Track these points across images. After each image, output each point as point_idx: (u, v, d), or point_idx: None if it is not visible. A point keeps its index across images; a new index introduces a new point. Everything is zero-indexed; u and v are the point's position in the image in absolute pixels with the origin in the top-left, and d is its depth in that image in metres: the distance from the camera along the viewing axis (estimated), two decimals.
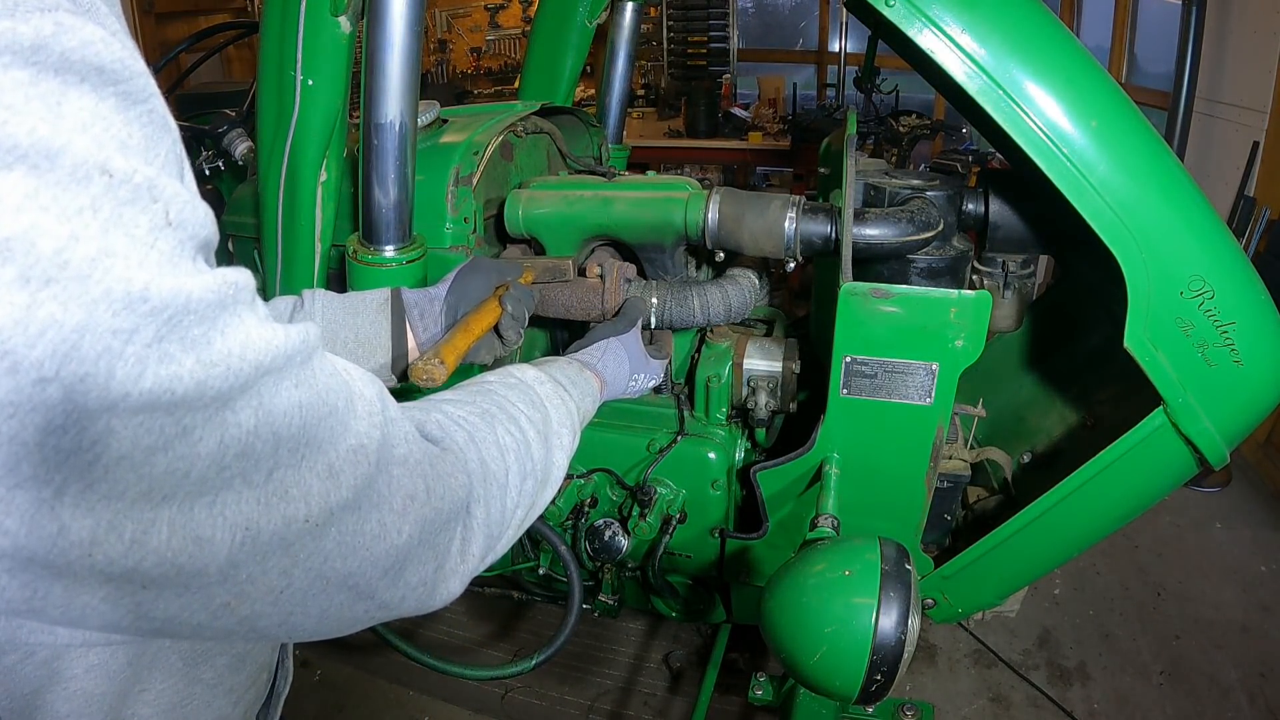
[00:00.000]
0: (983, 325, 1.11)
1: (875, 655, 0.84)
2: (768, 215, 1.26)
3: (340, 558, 0.49)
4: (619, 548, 1.42)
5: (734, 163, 4.90)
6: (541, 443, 0.75)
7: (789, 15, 6.31)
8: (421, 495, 0.55)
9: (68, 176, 0.34)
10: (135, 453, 0.38)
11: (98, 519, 0.38)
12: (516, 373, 0.84)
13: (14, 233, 0.32)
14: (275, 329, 0.44)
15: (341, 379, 0.51)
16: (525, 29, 5.57)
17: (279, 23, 1.21)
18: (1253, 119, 2.98)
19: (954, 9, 1.07)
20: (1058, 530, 1.31)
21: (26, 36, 0.34)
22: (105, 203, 0.35)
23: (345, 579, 0.50)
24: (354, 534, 0.49)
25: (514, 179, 1.52)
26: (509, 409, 0.74)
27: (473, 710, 2.10)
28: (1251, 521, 2.70)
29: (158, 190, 0.38)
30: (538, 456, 0.74)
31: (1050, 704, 2.05)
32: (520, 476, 0.69)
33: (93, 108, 0.36)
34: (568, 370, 0.93)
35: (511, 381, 0.81)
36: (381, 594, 0.53)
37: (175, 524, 0.40)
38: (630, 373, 1.09)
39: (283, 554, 0.46)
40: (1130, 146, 1.09)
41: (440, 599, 0.59)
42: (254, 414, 0.42)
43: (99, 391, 0.35)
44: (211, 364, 0.39)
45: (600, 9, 1.85)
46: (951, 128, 3.90)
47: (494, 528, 0.65)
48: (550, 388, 0.84)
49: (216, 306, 0.40)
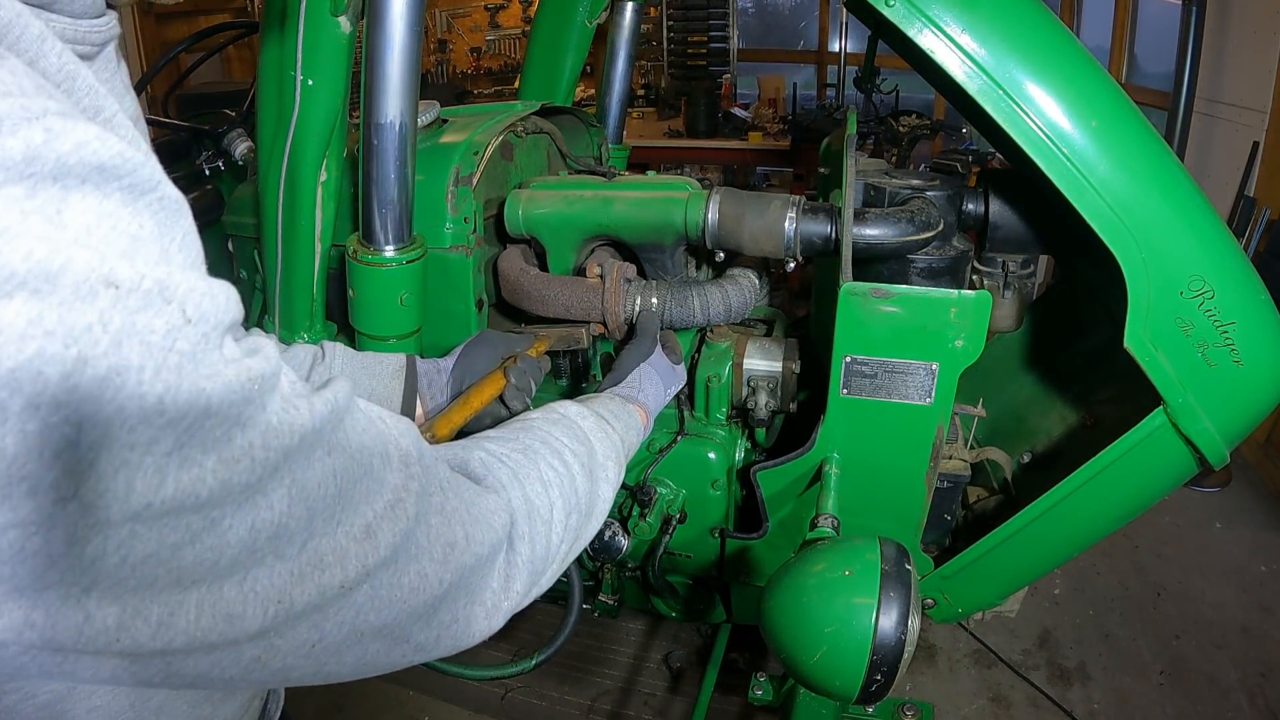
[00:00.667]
0: (983, 325, 1.11)
1: (875, 655, 0.84)
2: (768, 215, 1.26)
3: (374, 611, 0.48)
4: (619, 548, 1.42)
5: (734, 163, 4.90)
6: (586, 476, 0.75)
7: (789, 15, 6.31)
8: (461, 542, 0.54)
9: (71, 296, 0.33)
10: (161, 550, 0.37)
11: (124, 607, 0.38)
12: (559, 409, 0.84)
13: (19, 363, 0.32)
14: (300, 408, 0.43)
15: (377, 430, 0.50)
16: (525, 29, 5.57)
17: (279, 23, 1.21)
18: (1253, 119, 2.98)
19: (954, 9, 1.07)
20: (1058, 530, 1.31)
21: (17, 150, 0.33)
22: (114, 315, 0.34)
23: (380, 630, 0.49)
24: (390, 588, 0.49)
25: (514, 179, 1.52)
26: (552, 443, 0.74)
27: (473, 710, 2.10)
28: (1251, 521, 2.70)
29: (170, 290, 0.37)
30: (582, 490, 0.74)
31: (1050, 704, 2.05)
32: (565, 511, 0.69)
33: (97, 208, 0.35)
34: (610, 405, 0.94)
35: (555, 417, 0.81)
36: (416, 637, 0.53)
37: (204, 604, 0.40)
38: (664, 389, 1.12)
39: (316, 614, 0.45)
40: (1130, 146, 1.09)
41: (478, 635, 0.59)
42: (286, 493, 0.42)
43: (119, 505, 0.35)
44: (235, 460, 0.39)
45: (600, 9, 1.85)
46: (951, 128, 3.90)
47: (538, 563, 0.65)
48: (594, 422, 0.84)
49: (240, 404, 0.39)
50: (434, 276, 1.32)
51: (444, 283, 1.34)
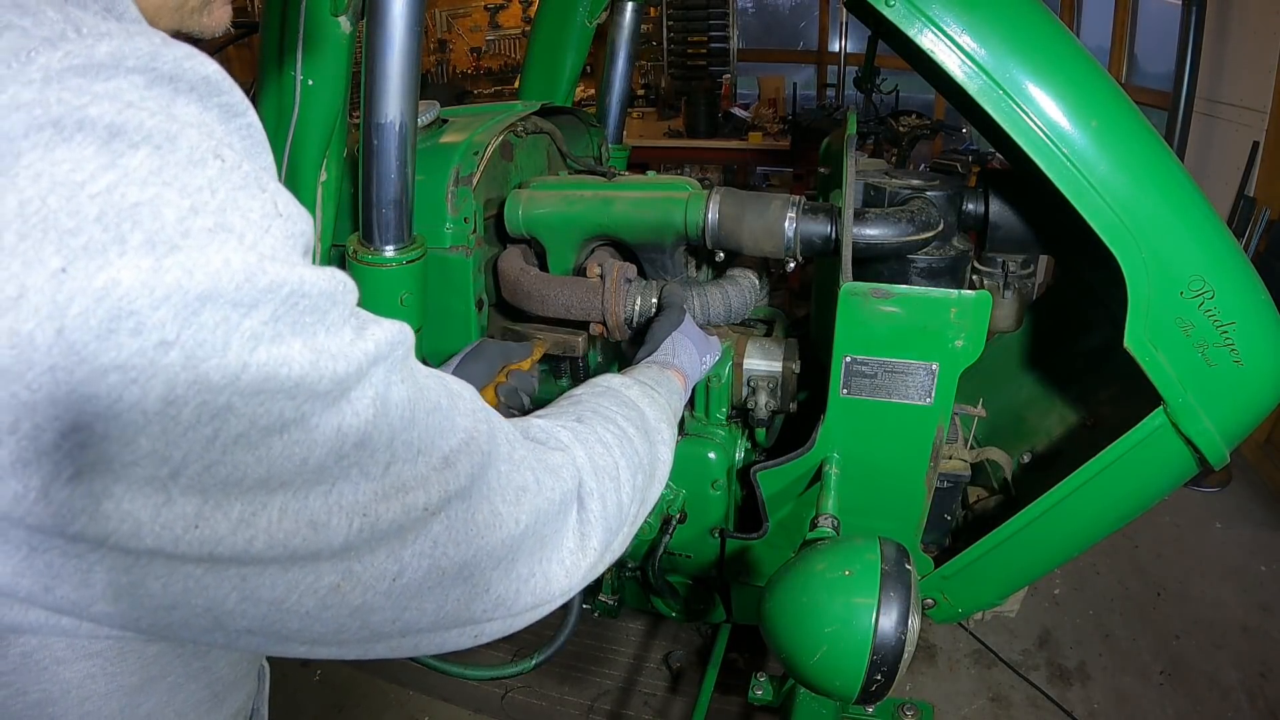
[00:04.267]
0: (983, 325, 1.11)
1: (875, 655, 0.84)
2: (768, 215, 1.26)
3: (453, 544, 0.48)
4: None
5: (734, 163, 4.90)
6: (643, 438, 0.76)
7: (789, 15, 6.32)
8: (533, 487, 0.55)
9: (186, 158, 0.36)
10: (252, 432, 0.37)
11: (206, 497, 0.37)
12: (603, 381, 0.86)
13: (142, 199, 0.34)
14: (383, 324, 0.45)
15: (438, 378, 0.51)
16: (525, 29, 5.57)
17: (279, 23, 1.21)
18: (1253, 119, 2.98)
19: (954, 9, 1.07)
20: (1058, 530, 1.31)
21: (142, 48, 0.36)
22: (221, 185, 0.37)
23: (460, 569, 0.49)
24: (466, 522, 0.49)
25: (514, 179, 1.52)
26: (603, 411, 0.75)
27: (473, 710, 2.10)
28: (1251, 521, 2.70)
29: (265, 181, 0.39)
30: (642, 451, 0.75)
31: (1050, 704, 2.05)
32: (630, 470, 0.70)
33: (198, 114, 0.38)
34: (649, 372, 0.96)
35: (599, 390, 0.83)
36: (497, 587, 0.52)
37: (288, 509, 0.40)
38: (700, 356, 1.13)
39: (397, 539, 0.45)
40: (1130, 146, 1.09)
41: (558, 591, 0.59)
42: (371, 404, 0.42)
43: (217, 360, 0.36)
44: (322, 350, 0.39)
45: (600, 9, 1.85)
46: (951, 128, 3.90)
47: (611, 520, 0.65)
48: (638, 390, 0.86)
49: (328, 298, 0.40)
50: (434, 276, 1.32)
51: (444, 283, 1.34)
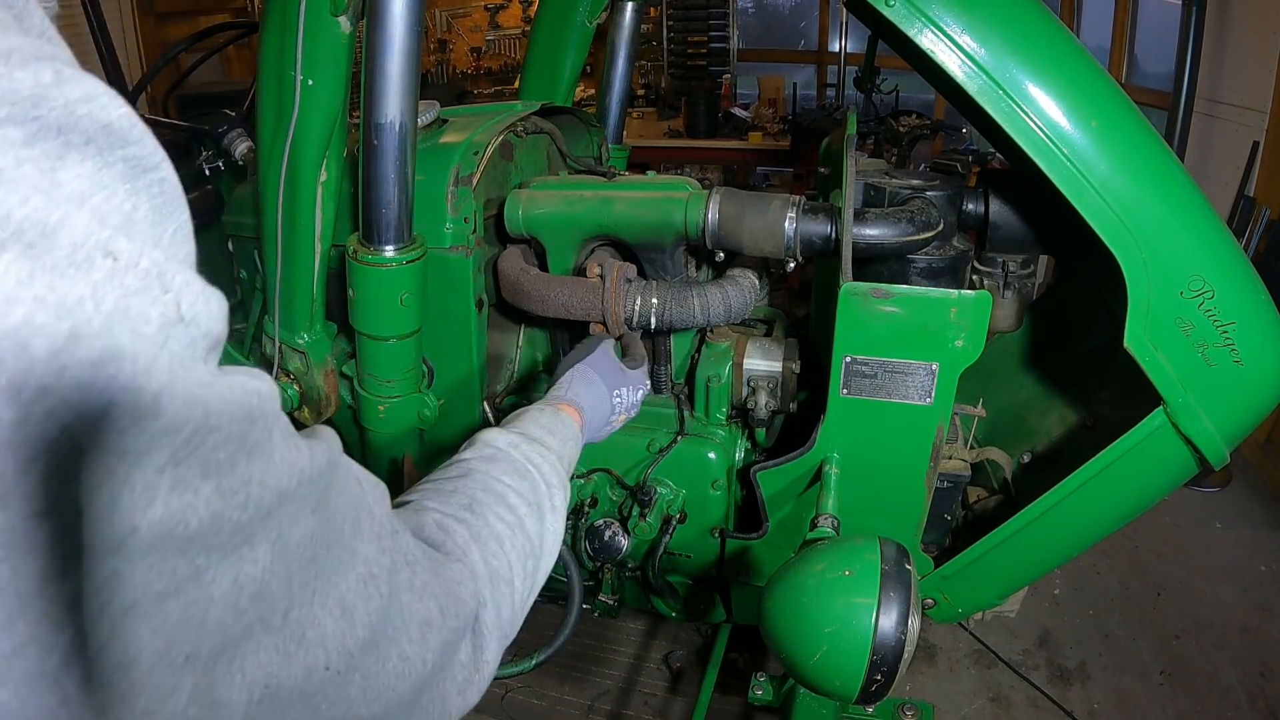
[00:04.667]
0: (983, 325, 1.11)
1: (875, 655, 0.84)
2: (768, 215, 1.26)
3: (365, 704, 0.44)
4: (619, 548, 1.42)
5: (734, 163, 4.90)
6: (534, 515, 0.72)
7: (789, 15, 6.32)
8: (437, 619, 0.50)
9: (65, 259, 0.28)
10: (145, 600, 0.32)
11: (104, 690, 0.31)
12: (490, 441, 0.79)
13: (5, 330, 0.26)
14: (301, 448, 0.39)
15: (353, 494, 0.45)
16: (525, 29, 5.57)
17: (279, 23, 1.21)
18: (1253, 119, 2.98)
19: (954, 9, 1.07)
20: (1058, 530, 1.31)
21: (25, 86, 0.28)
22: (109, 293, 0.29)
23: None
24: (377, 674, 0.45)
25: (514, 179, 1.52)
26: (495, 488, 0.71)
27: (473, 710, 2.10)
28: (1251, 521, 2.70)
29: (168, 279, 0.32)
30: (533, 533, 0.71)
31: (1050, 704, 2.05)
32: (521, 561, 0.67)
33: (94, 175, 0.30)
34: (540, 419, 0.88)
35: (489, 453, 0.77)
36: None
37: (196, 689, 0.35)
38: (610, 390, 1.06)
39: (303, 706, 0.40)
40: (1130, 146, 1.09)
41: (454, 715, 0.56)
42: (270, 548, 0.37)
43: (102, 525, 0.29)
44: (231, 493, 0.34)
45: (600, 9, 1.85)
46: (951, 128, 3.90)
47: (506, 626, 0.62)
48: (528, 448, 0.80)
49: (241, 420, 0.34)
50: (434, 276, 1.32)
51: (444, 283, 1.34)
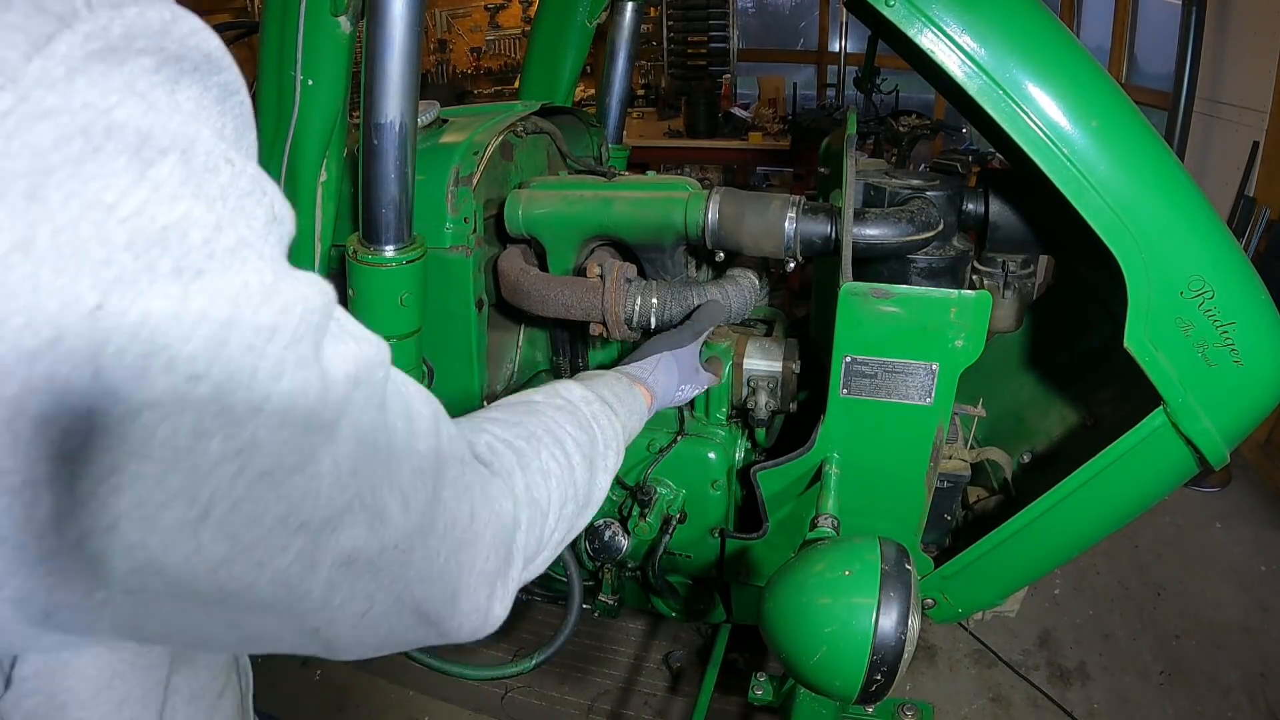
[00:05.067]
0: (983, 325, 1.11)
1: (875, 655, 0.84)
2: (768, 215, 1.26)
3: (419, 583, 0.48)
4: (619, 548, 1.42)
5: (734, 163, 4.90)
6: (586, 466, 0.75)
7: (789, 15, 6.32)
8: (465, 520, 0.54)
9: (203, 166, 0.34)
10: (277, 471, 0.36)
11: (233, 541, 0.36)
12: (564, 392, 0.83)
13: (170, 221, 0.32)
14: (366, 339, 0.43)
15: (403, 397, 0.49)
16: (525, 29, 5.57)
17: (279, 23, 1.21)
18: (1253, 119, 2.98)
19: (954, 9, 1.07)
20: (1058, 530, 1.31)
21: (155, 22, 0.33)
22: (232, 193, 0.35)
23: (418, 605, 0.49)
24: (428, 559, 0.49)
25: (514, 179, 1.52)
26: (556, 431, 0.74)
27: (473, 710, 2.10)
28: (1251, 521, 2.70)
29: (264, 184, 0.37)
30: (581, 481, 0.74)
31: (1050, 704, 2.05)
32: (560, 502, 0.69)
33: (198, 98, 0.36)
34: (616, 387, 0.93)
35: (559, 402, 0.80)
36: (445, 622, 0.53)
37: (301, 551, 0.39)
38: (678, 383, 1.13)
39: (371, 579, 0.45)
40: (1130, 146, 1.09)
41: (491, 624, 0.59)
42: (352, 432, 0.41)
43: (244, 392, 0.34)
44: (327, 374, 0.38)
45: (600, 9, 1.85)
46: (951, 128, 3.90)
47: (530, 550, 0.65)
48: (598, 407, 0.84)
49: (325, 313, 0.39)
50: (434, 276, 1.31)
51: (444, 283, 1.34)
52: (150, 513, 0.34)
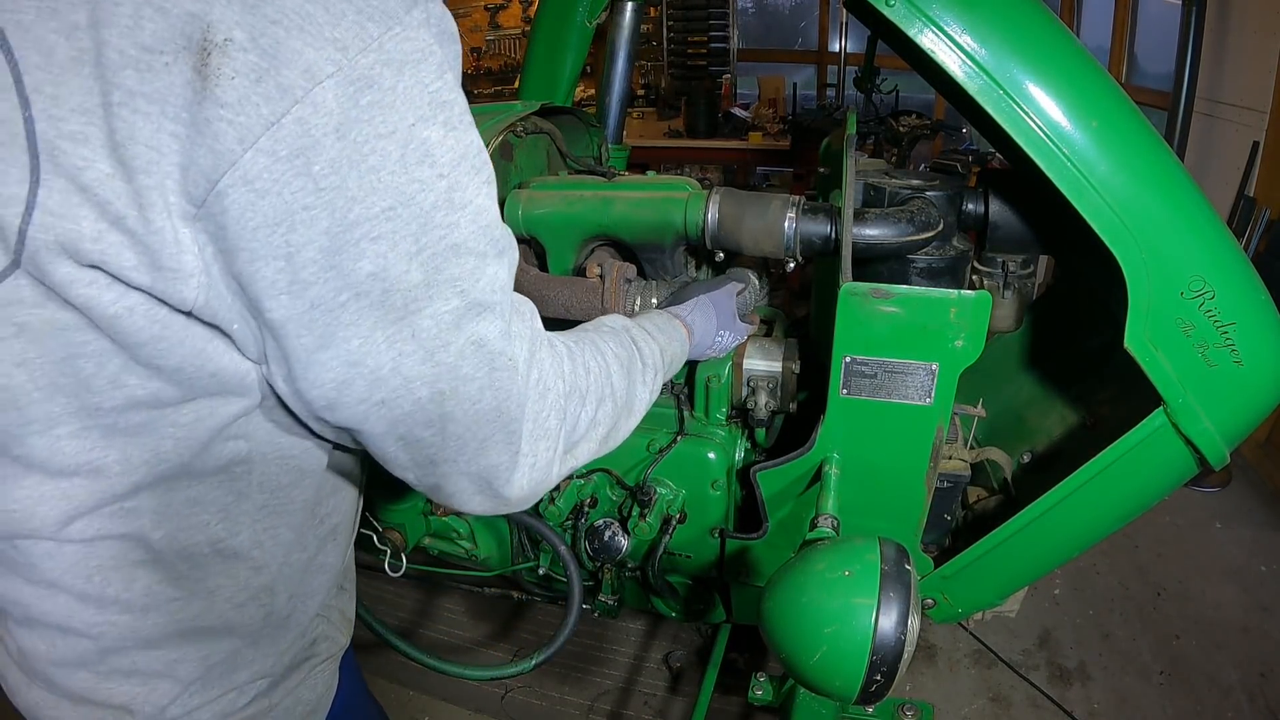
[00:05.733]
0: (983, 325, 1.11)
1: (875, 655, 0.84)
2: (768, 215, 1.26)
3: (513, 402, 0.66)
4: (619, 548, 1.42)
5: (734, 163, 4.90)
6: (623, 373, 0.87)
7: (789, 15, 6.32)
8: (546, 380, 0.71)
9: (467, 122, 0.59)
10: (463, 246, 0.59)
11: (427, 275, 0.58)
12: (608, 321, 0.96)
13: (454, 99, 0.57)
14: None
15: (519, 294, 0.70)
16: (525, 29, 5.57)
17: None
18: (1253, 119, 2.98)
19: (954, 9, 1.07)
20: (1058, 530, 1.31)
21: (435, 10, 0.55)
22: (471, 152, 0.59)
23: (509, 421, 0.67)
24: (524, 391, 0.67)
25: (514, 179, 1.52)
26: (597, 343, 0.86)
27: (473, 710, 2.10)
28: (1251, 521, 2.70)
29: (480, 146, 0.61)
30: (619, 385, 0.85)
31: (1050, 704, 2.05)
32: (598, 396, 0.80)
33: (455, 67, 0.58)
34: (656, 319, 1.06)
35: (605, 328, 0.93)
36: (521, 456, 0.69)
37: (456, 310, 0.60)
38: (717, 328, 1.19)
39: (490, 372, 0.63)
40: (1130, 146, 1.09)
41: (550, 481, 0.74)
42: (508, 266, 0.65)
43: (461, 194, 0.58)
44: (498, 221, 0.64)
45: (600, 9, 1.85)
46: (951, 128, 3.90)
47: (571, 431, 0.76)
48: (636, 331, 0.96)
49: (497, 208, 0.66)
50: None
51: None
52: (396, 239, 0.55)
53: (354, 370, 0.58)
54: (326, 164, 0.50)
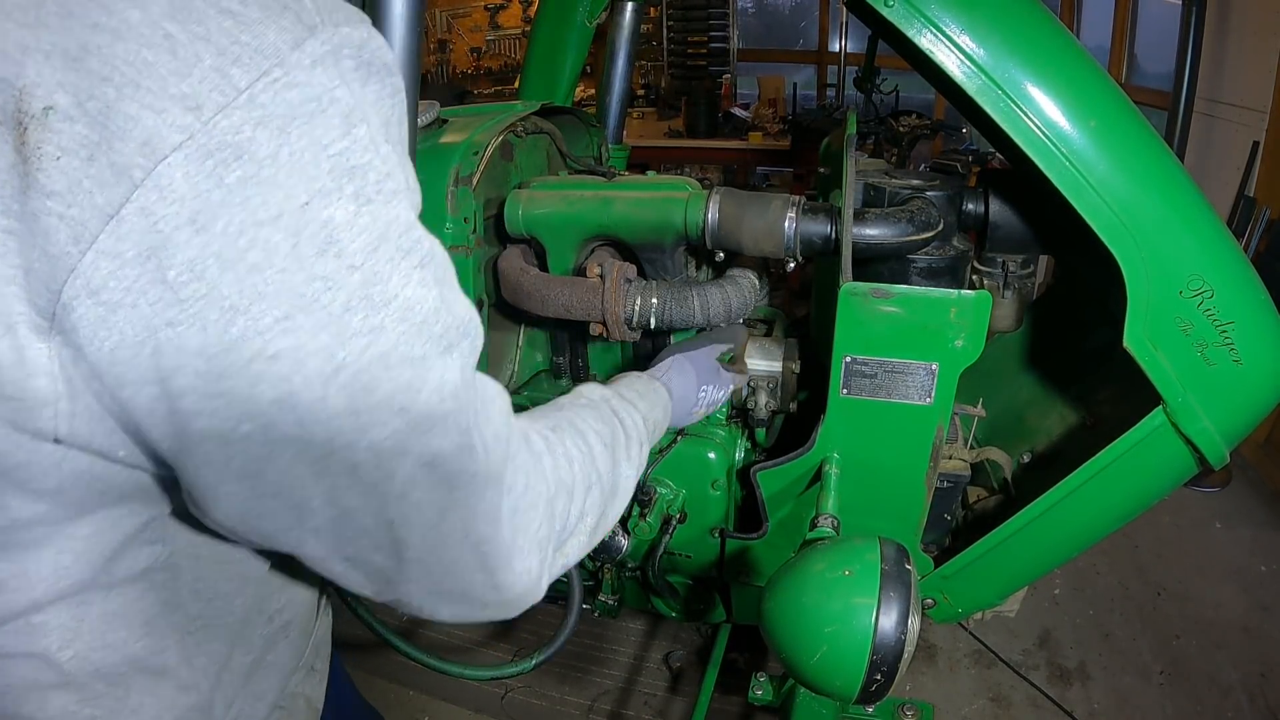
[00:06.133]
0: (983, 325, 1.11)
1: (875, 655, 0.84)
2: (768, 215, 1.26)
3: (484, 521, 0.57)
4: (619, 548, 1.42)
5: (734, 163, 4.90)
6: (607, 454, 0.79)
7: (789, 15, 6.33)
8: (522, 486, 0.61)
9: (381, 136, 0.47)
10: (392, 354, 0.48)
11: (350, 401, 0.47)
12: (586, 392, 0.90)
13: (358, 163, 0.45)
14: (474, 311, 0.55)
15: (483, 380, 0.58)
16: (525, 29, 5.57)
17: None
18: (1253, 119, 2.98)
19: (954, 9, 1.07)
20: (1058, 530, 1.31)
21: (353, 38, 0.46)
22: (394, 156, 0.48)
23: (480, 543, 0.57)
24: (495, 505, 0.57)
25: (514, 179, 1.52)
26: (577, 423, 0.79)
27: (473, 710, 2.10)
28: (1251, 521, 2.70)
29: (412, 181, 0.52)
30: (604, 468, 0.78)
31: (1050, 704, 2.05)
32: (585, 485, 0.74)
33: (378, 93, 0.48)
34: (635, 384, 1.00)
35: (581, 401, 0.87)
36: (500, 572, 0.60)
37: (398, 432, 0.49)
38: (698, 385, 1.14)
39: (447, 493, 0.53)
40: (1129, 146, 1.09)
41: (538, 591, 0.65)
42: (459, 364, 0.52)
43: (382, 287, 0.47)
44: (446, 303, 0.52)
45: (600, 9, 1.85)
46: (951, 128, 3.90)
47: (560, 529, 0.69)
48: (617, 402, 0.90)
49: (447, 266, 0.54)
50: None
51: None
52: (301, 356, 0.44)
53: (275, 501, 0.49)
54: (184, 266, 0.40)
